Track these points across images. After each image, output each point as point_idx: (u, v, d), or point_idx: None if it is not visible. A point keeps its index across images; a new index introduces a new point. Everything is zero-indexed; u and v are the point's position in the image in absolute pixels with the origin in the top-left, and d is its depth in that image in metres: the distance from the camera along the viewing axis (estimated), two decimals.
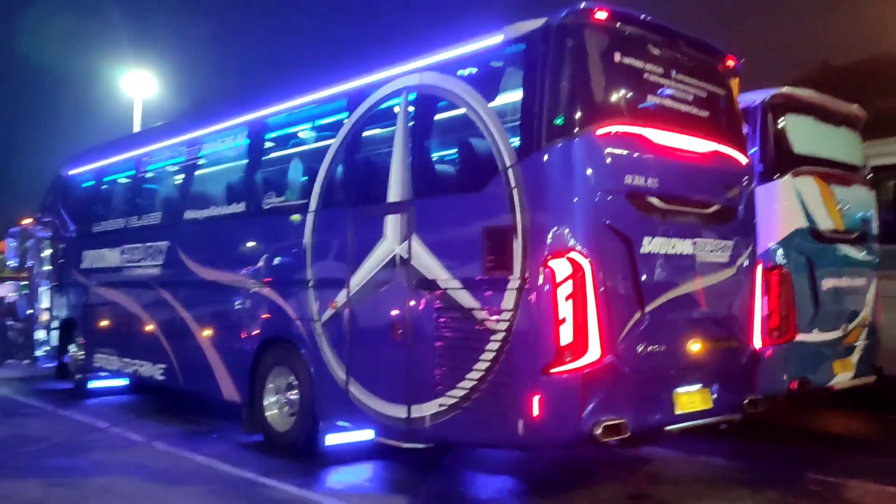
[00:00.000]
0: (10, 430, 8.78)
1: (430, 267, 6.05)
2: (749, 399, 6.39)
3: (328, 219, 7.10)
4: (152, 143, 10.28)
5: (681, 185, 5.92)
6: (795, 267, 7.99)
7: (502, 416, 5.45)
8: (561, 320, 5.18)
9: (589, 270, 5.22)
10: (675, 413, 5.76)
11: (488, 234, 5.60)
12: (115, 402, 10.79)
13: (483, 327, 5.59)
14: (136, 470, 6.89)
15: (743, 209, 6.49)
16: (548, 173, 5.35)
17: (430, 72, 6.27)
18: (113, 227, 10.76)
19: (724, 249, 6.21)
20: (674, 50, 6.06)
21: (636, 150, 5.61)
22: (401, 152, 6.41)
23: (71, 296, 11.95)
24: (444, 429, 5.90)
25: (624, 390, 5.43)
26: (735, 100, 6.75)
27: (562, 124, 5.34)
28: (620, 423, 5.33)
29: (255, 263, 8.04)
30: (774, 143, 8.07)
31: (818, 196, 8.28)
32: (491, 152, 5.64)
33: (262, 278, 7.90)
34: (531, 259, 5.33)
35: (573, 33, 5.46)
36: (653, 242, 5.60)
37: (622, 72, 5.72)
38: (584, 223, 5.30)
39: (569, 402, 5.21)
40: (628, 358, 5.45)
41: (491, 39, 5.83)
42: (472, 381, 5.65)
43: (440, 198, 6.16)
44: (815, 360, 8.11)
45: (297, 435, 7.32)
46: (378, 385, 6.47)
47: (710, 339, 6.07)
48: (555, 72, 5.39)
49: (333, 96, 7.31)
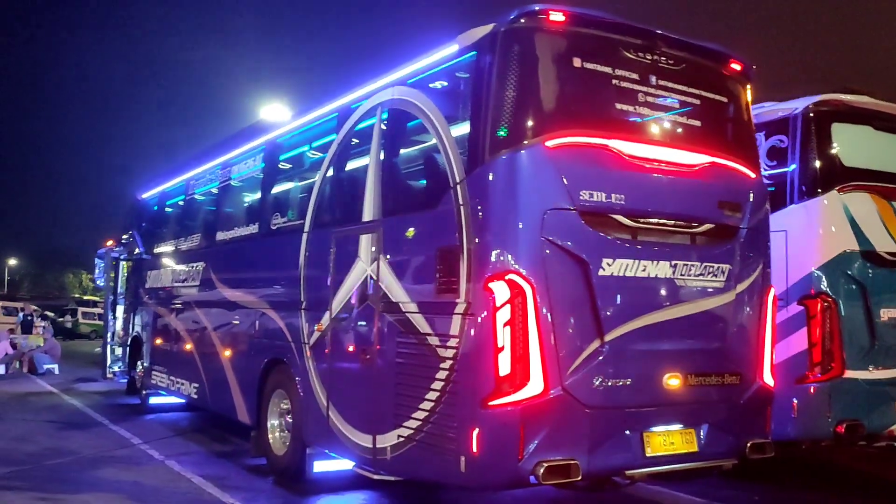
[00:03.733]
0: (53, 443, 9.13)
1: (393, 289, 5.76)
2: (753, 443, 5.62)
3: (318, 239, 6.95)
4: (195, 167, 10.55)
5: (659, 202, 5.31)
6: (844, 294, 7.08)
7: (447, 451, 5.05)
8: (499, 348, 4.73)
9: (530, 294, 4.75)
10: (646, 455, 5.12)
11: (439, 254, 5.25)
12: (168, 419, 11.07)
13: (434, 354, 5.23)
14: (128, 487, 6.93)
15: (748, 229, 5.76)
16: (491, 189, 4.93)
17: (399, 86, 6.01)
18: (164, 249, 11.15)
19: (717, 273, 5.51)
20: (655, 54, 5.47)
21: (599, 163, 5.08)
22: (374, 170, 6.18)
23: (137, 314, 12.47)
24: (403, 462, 5.56)
25: (576, 428, 4.87)
26: (744, 108, 6.04)
27: (506, 136, 4.91)
28: (570, 464, 4.79)
29: (262, 284, 8.04)
30: (818, 155, 7.21)
31: (876, 214, 7.32)
32: (445, 168, 5.31)
33: (267, 299, 7.86)
34: (474, 282, 4.92)
35: (521, 38, 5.03)
36: (615, 264, 5.03)
37: (584, 78, 5.22)
38: (527, 243, 4.83)
39: (507, 439, 4.72)
40: (582, 392, 4.89)
41: (447, 49, 5.49)
42: (424, 411, 5.28)
43: (403, 216, 5.86)
44: (871, 400, 7.13)
45: (290, 460, 7.17)
46: (351, 412, 6.22)
47: (697, 374, 5.37)
48: (500, 80, 4.97)
49: (327, 114, 7.18)
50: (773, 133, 7.47)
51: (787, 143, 7.33)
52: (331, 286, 6.56)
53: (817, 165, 7.17)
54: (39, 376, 17.74)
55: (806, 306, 7.02)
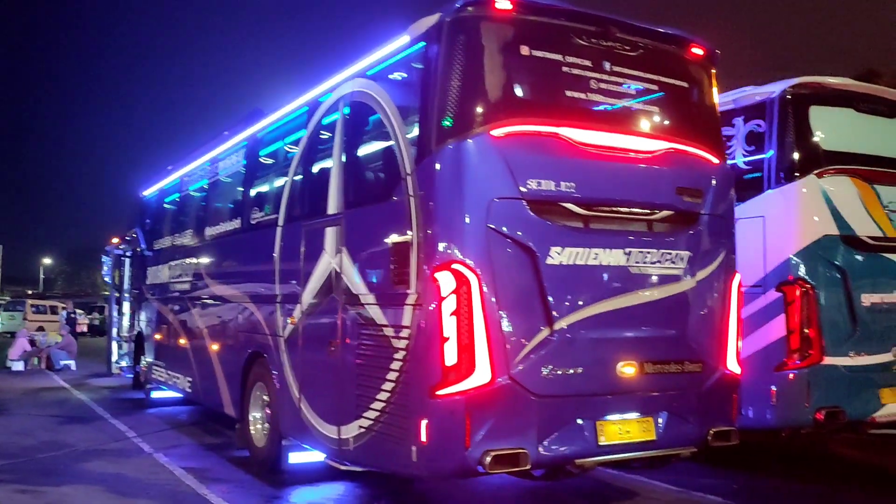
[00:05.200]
0: (51, 436, 9.31)
1: (354, 281, 5.79)
2: (715, 430, 5.56)
3: (290, 233, 7.01)
4: (188, 163, 10.66)
5: (612, 189, 5.26)
6: (823, 280, 6.97)
7: (400, 441, 5.07)
8: (445, 338, 4.74)
9: (476, 284, 4.74)
10: (598, 444, 5.09)
11: (393, 245, 5.27)
12: (167, 413, 11.23)
13: (389, 345, 5.25)
14: (110, 480, 7.05)
15: (710, 215, 5.68)
16: (437, 179, 4.92)
17: (359, 78, 6.03)
18: (162, 245, 11.29)
19: (676, 260, 5.45)
20: (609, 40, 5.41)
21: (547, 151, 5.05)
22: (337, 163, 6.22)
23: (140, 310, 12.66)
24: (364, 452, 5.60)
25: (525, 417, 4.86)
26: (707, 93, 5.95)
27: (451, 125, 4.90)
28: (518, 453, 4.78)
29: (244, 278, 8.12)
30: (795, 139, 7.09)
31: (857, 198, 7.18)
32: (398, 159, 5.32)
33: (249, 293, 7.94)
34: (423, 272, 4.93)
35: (467, 27, 5.01)
36: (564, 253, 5.00)
37: (533, 66, 5.19)
38: (473, 232, 4.81)
39: (453, 428, 4.72)
40: (530, 381, 4.88)
41: (400, 40, 5.48)
42: (381, 402, 5.31)
43: (362, 209, 5.89)
44: (853, 387, 7.02)
45: (268, 452, 7.25)
46: (319, 404, 6.27)
47: (654, 362, 5.32)
48: (445, 70, 4.96)
49: (298, 108, 7.21)
50: (751, 118, 7.37)
51: (764, 128, 7.22)
52: (301, 279, 6.61)
53: (794, 149, 7.04)
54: (56, 372, 18.07)
55: (784, 292, 6.92)
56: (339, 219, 6.07)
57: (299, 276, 6.66)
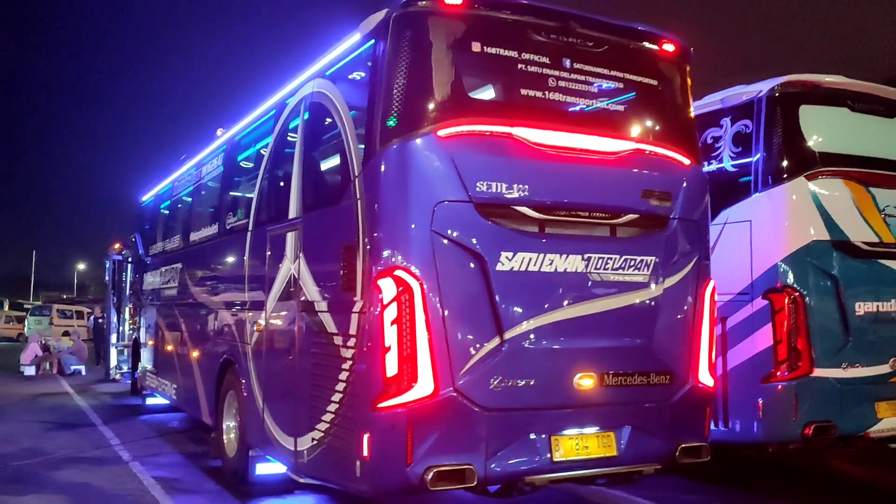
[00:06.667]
0: (33, 443, 9.24)
1: (309, 287, 5.60)
2: (684, 446, 5.26)
3: (258, 237, 6.83)
4: (179, 168, 10.57)
5: (571, 192, 4.98)
6: (813, 287, 6.62)
7: (346, 455, 4.85)
8: (387, 348, 4.51)
9: (419, 291, 4.50)
10: (553, 460, 4.81)
11: (342, 251, 5.05)
12: (159, 420, 11.15)
13: (337, 355, 5.04)
14: (76, 489, 6.93)
15: (680, 219, 5.39)
16: (381, 182, 4.70)
17: (319, 78, 5.84)
18: (155, 251, 11.22)
19: (641, 266, 5.15)
20: (569, 36, 5.15)
21: (500, 152, 4.79)
22: (298, 166, 6.03)
23: (136, 316, 12.61)
24: (316, 465, 5.39)
25: (472, 431, 4.60)
26: (681, 91, 5.66)
27: (395, 126, 4.67)
28: (464, 469, 4.53)
29: (220, 284, 7.98)
30: (783, 140, 6.75)
31: (851, 202, 6.82)
32: (348, 161, 5.11)
33: (223, 300, 7.79)
34: (367, 278, 4.71)
35: (414, 24, 4.78)
36: (516, 259, 4.73)
37: (485, 64, 4.95)
38: (416, 237, 4.57)
39: (395, 443, 4.48)
40: (477, 393, 4.62)
41: (353, 38, 5.29)
42: (330, 413, 5.10)
43: (317, 213, 5.69)
44: (845, 400, 6.65)
45: (237, 463, 7.06)
46: (279, 414, 6.08)
47: (616, 374, 5.02)
48: (391, 68, 4.74)
49: (268, 110, 7.05)
50: (738, 118, 7.06)
51: (751, 129, 6.90)
52: (266, 286, 6.44)
53: (783, 151, 6.71)
54: (67, 377, 18.17)
55: (771, 300, 6.58)
56: (297, 223, 5.89)
57: (265, 282, 6.49)
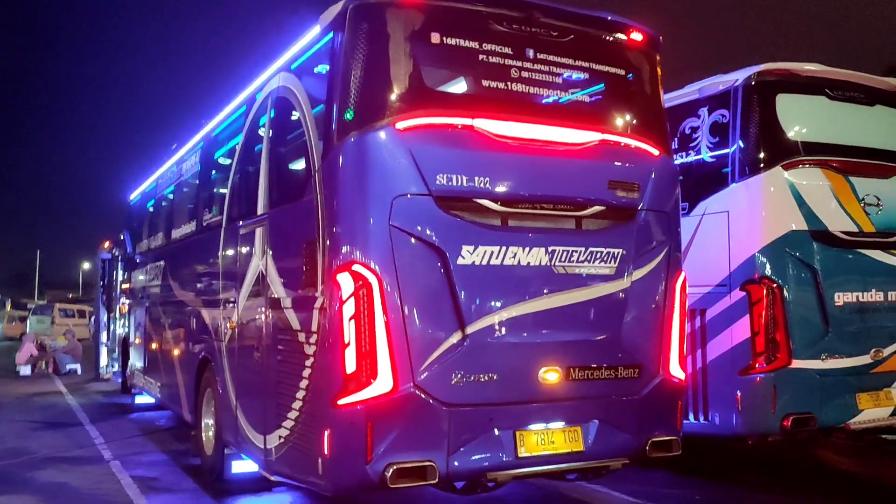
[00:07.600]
0: (18, 443, 9.21)
1: (275, 284, 5.55)
2: (655, 440, 5.20)
3: (230, 234, 6.78)
4: (161, 164, 10.52)
5: (534, 184, 4.91)
6: (791, 278, 6.55)
7: (309, 452, 4.81)
8: (346, 344, 4.46)
9: (377, 286, 4.45)
10: (518, 456, 4.76)
11: (304, 246, 5.00)
12: (147, 418, 11.12)
13: (300, 351, 4.99)
14: (54, 489, 6.92)
15: (648, 210, 5.32)
16: (339, 175, 4.64)
17: (284, 72, 5.78)
18: (141, 249, 11.19)
19: (607, 259, 5.09)
20: (532, 25, 5.07)
21: (460, 144, 4.72)
22: (265, 161, 5.98)
23: (124, 314, 12.58)
24: (283, 463, 5.34)
25: (433, 427, 4.54)
26: (650, 81, 5.59)
27: (352, 119, 4.62)
28: (425, 465, 4.49)
29: (197, 282, 7.93)
30: (760, 130, 6.68)
31: (829, 191, 6.75)
32: (310, 156, 5.06)
33: (200, 297, 7.75)
34: (326, 274, 4.66)
35: (371, 15, 4.71)
36: (477, 252, 4.67)
37: (444, 55, 4.89)
38: (374, 232, 4.51)
39: (354, 440, 4.43)
40: (438, 389, 4.56)
41: (314, 31, 5.22)
42: (295, 411, 5.06)
43: (281, 208, 5.63)
44: (825, 392, 6.58)
45: (214, 461, 7.03)
46: (250, 412, 6.03)
47: (582, 368, 4.96)
48: (348, 60, 4.68)
49: (239, 106, 6.99)
50: (715, 108, 6.98)
51: (728, 118, 6.82)
52: (238, 282, 6.39)
53: (759, 140, 6.64)
54: (62, 376, 18.17)
55: (748, 292, 6.52)
56: (264, 220, 5.84)
57: (237, 279, 6.44)
